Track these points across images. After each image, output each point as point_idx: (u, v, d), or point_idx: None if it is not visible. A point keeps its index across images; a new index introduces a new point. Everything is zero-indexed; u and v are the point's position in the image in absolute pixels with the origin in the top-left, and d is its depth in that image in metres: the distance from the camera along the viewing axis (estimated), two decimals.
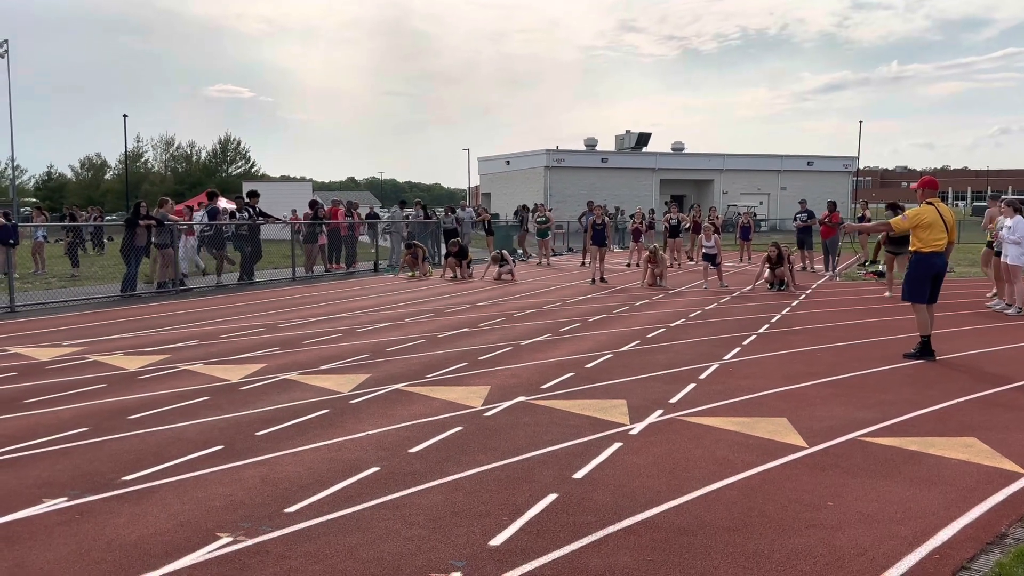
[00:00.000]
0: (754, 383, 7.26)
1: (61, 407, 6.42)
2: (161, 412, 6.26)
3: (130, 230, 15.04)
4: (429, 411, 6.26)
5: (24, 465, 4.94)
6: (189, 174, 75.92)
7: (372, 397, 6.75)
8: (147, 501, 4.33)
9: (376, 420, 6.00)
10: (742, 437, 5.55)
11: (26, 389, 7.09)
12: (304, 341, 9.71)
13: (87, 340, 9.78)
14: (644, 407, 6.34)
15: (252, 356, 8.70)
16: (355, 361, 8.38)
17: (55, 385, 7.24)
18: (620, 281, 17.86)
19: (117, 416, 6.14)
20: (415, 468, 4.87)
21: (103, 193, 74.68)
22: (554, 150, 54.82)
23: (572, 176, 53.44)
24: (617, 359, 8.45)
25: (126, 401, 6.65)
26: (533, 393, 6.85)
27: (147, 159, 79.51)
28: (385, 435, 5.60)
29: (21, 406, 6.46)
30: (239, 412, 6.26)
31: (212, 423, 5.94)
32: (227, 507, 4.23)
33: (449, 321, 11.43)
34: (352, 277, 19.66)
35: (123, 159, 68.49)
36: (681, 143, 59.98)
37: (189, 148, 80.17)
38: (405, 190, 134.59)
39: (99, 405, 6.50)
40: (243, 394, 6.91)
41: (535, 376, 7.56)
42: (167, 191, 63.83)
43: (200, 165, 78.21)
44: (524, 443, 5.38)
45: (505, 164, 58.80)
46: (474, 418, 6.05)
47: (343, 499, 4.34)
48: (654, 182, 55.96)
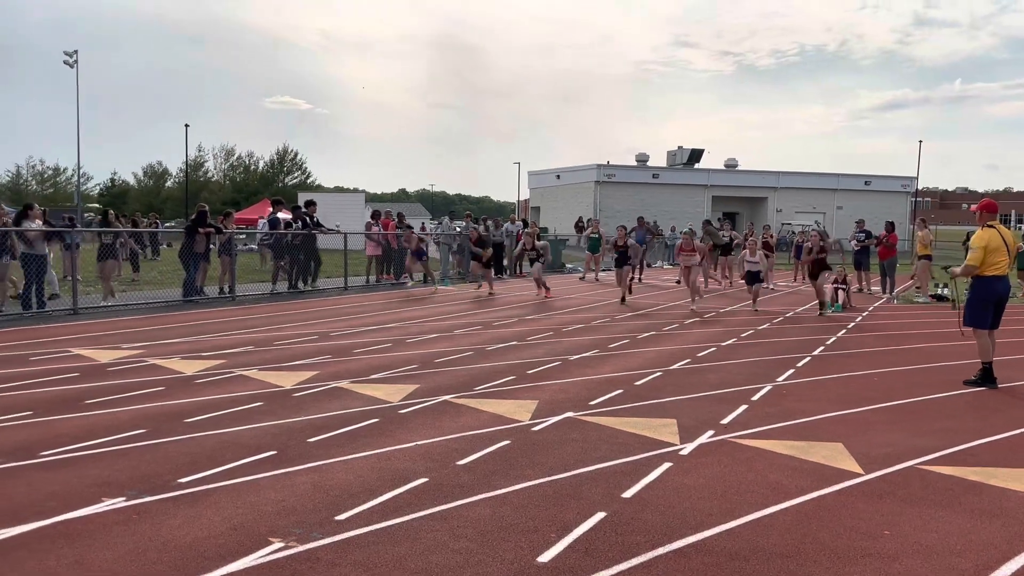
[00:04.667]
0: (809, 406, 7.12)
1: (120, 408, 6.60)
2: (217, 416, 6.38)
3: (190, 236, 15.43)
4: (477, 424, 6.27)
5: (84, 464, 5.09)
6: (247, 184, 77.74)
7: (421, 408, 6.79)
8: (202, 504, 4.42)
9: (425, 431, 6.04)
10: (796, 462, 5.43)
11: (87, 390, 7.30)
12: (355, 350, 9.82)
13: (146, 343, 10.04)
14: (695, 427, 6.26)
15: (305, 363, 8.83)
16: (404, 371, 8.45)
17: (115, 387, 7.45)
18: (669, 299, 17.70)
19: (174, 419, 6.28)
20: (463, 480, 4.88)
21: (164, 200, 76.86)
22: (604, 165, 54.72)
23: (622, 191, 53.23)
24: (667, 377, 8.36)
25: (183, 404, 6.80)
26: (581, 409, 6.82)
27: (207, 168, 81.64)
28: (433, 446, 5.63)
29: (82, 406, 6.66)
30: (292, 418, 6.35)
31: (266, 428, 6.04)
32: (279, 512, 4.30)
33: (498, 334, 11.45)
34: (402, 287, 19.84)
35: (184, 168, 70.41)
36: (735, 160, 59.35)
37: (248, 158, 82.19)
38: (455, 203, 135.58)
39: (157, 408, 6.67)
40: (296, 401, 7.01)
41: (583, 392, 7.53)
42: (225, 200, 65.46)
43: (258, 175, 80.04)
44: (572, 459, 5.35)
45: (555, 178, 58.87)
46: (522, 432, 6.04)
47: (392, 508, 4.37)
48: (706, 199, 55.42)
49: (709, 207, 54.87)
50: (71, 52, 50.89)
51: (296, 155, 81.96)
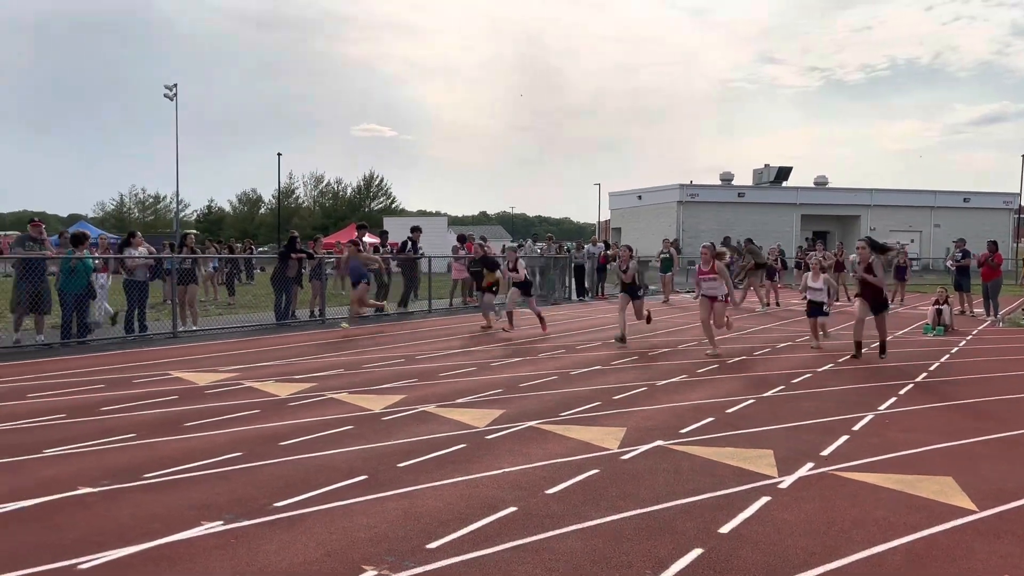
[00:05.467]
0: (914, 437, 6.76)
1: (218, 431, 6.80)
2: (309, 440, 6.50)
3: (283, 261, 15.92)
4: (564, 451, 6.19)
5: (185, 487, 5.24)
6: (335, 209, 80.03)
7: (507, 433, 6.76)
8: (297, 528, 4.48)
9: (512, 458, 5.99)
10: (903, 497, 5.15)
11: (187, 412, 7.55)
12: (440, 373, 9.88)
13: (241, 366, 10.36)
14: (793, 459, 6.02)
15: (392, 387, 8.93)
16: (489, 395, 8.44)
17: (212, 409, 7.68)
18: (758, 322, 17.22)
19: (269, 442, 6.42)
20: (553, 510, 4.80)
21: (257, 226, 79.82)
22: (688, 184, 54.01)
23: (706, 211, 52.40)
24: (761, 405, 8.10)
25: (277, 427, 6.96)
26: (671, 438, 6.65)
27: (298, 195, 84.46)
28: (521, 474, 5.58)
29: (182, 429, 6.89)
30: (381, 442, 6.41)
31: (356, 452, 6.11)
32: (371, 539, 4.31)
33: (582, 358, 11.35)
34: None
35: (276, 194, 73.00)
36: (824, 177, 57.71)
37: (336, 184, 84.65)
38: (535, 224, 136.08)
39: (253, 430, 6.84)
40: (385, 424, 7.08)
41: (672, 419, 7.36)
42: (315, 225, 67.49)
43: (346, 200, 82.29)
44: (664, 491, 5.21)
45: (637, 199, 58.43)
46: (611, 461, 5.93)
47: (482, 538, 4.33)
48: (794, 218, 54.00)
49: (798, 226, 53.43)
50: (171, 86, 53.51)
51: (382, 180, 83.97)
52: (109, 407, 7.74)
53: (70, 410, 7.58)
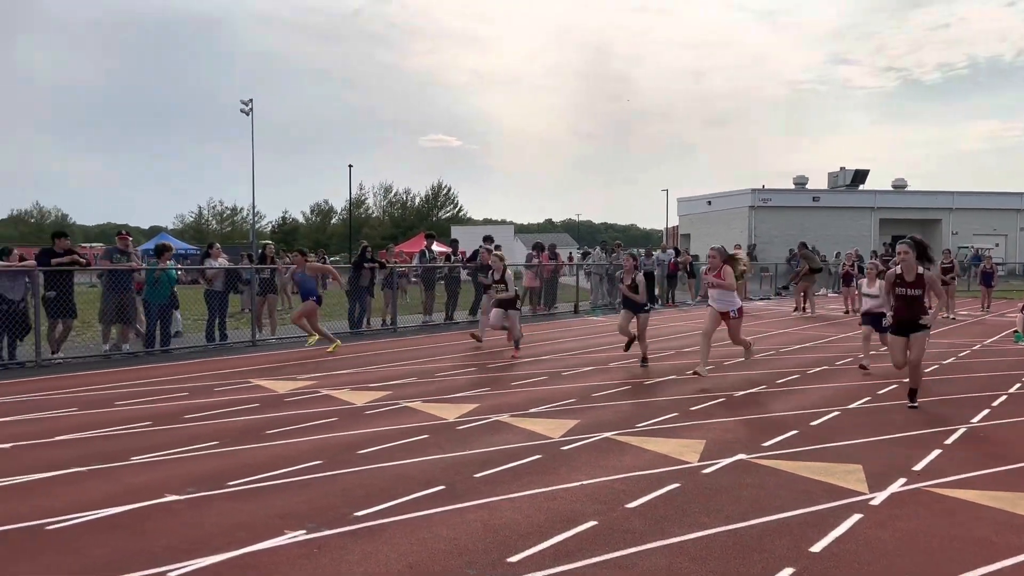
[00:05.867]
0: (1013, 451, 6.41)
1: (298, 439, 6.90)
2: (387, 448, 6.54)
3: (356, 271, 16.18)
4: (643, 463, 6.07)
5: (268, 495, 5.32)
6: (404, 218, 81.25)
7: (583, 444, 6.67)
8: (378, 539, 4.49)
9: (589, 470, 5.91)
10: (1005, 515, 4.88)
11: (267, 420, 7.70)
12: (512, 383, 9.85)
13: (318, 375, 10.53)
14: (883, 474, 5.77)
15: (465, 396, 8.94)
16: (563, 405, 8.37)
17: (292, 417, 7.81)
18: (838, 330, 16.69)
19: (348, 450, 6.49)
20: (634, 525, 4.70)
21: (329, 236, 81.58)
22: (760, 189, 52.95)
23: (779, 216, 51.24)
24: (846, 417, 7.81)
25: (355, 436, 7.03)
26: (754, 451, 6.46)
27: (368, 205, 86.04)
28: (600, 486, 5.49)
29: (264, 436, 7.02)
30: (457, 452, 6.41)
31: (433, 462, 6.12)
32: (452, 551, 4.29)
33: (654, 367, 11.17)
34: (553, 319, 19.87)
35: (347, 205, 74.47)
36: (903, 180, 55.88)
37: (405, 195, 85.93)
38: (601, 231, 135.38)
39: (331, 439, 6.92)
40: (459, 434, 7.08)
41: (754, 432, 7.15)
42: (384, 235, 68.57)
43: (414, 210, 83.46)
44: (749, 507, 5.05)
45: (707, 204, 57.56)
46: (692, 475, 5.79)
47: (563, 553, 4.26)
48: (872, 222, 52.39)
49: (876, 230, 51.81)
50: (247, 101, 55.11)
51: (449, 190, 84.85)
52: (192, 415, 7.95)
53: (156, 418, 7.81)
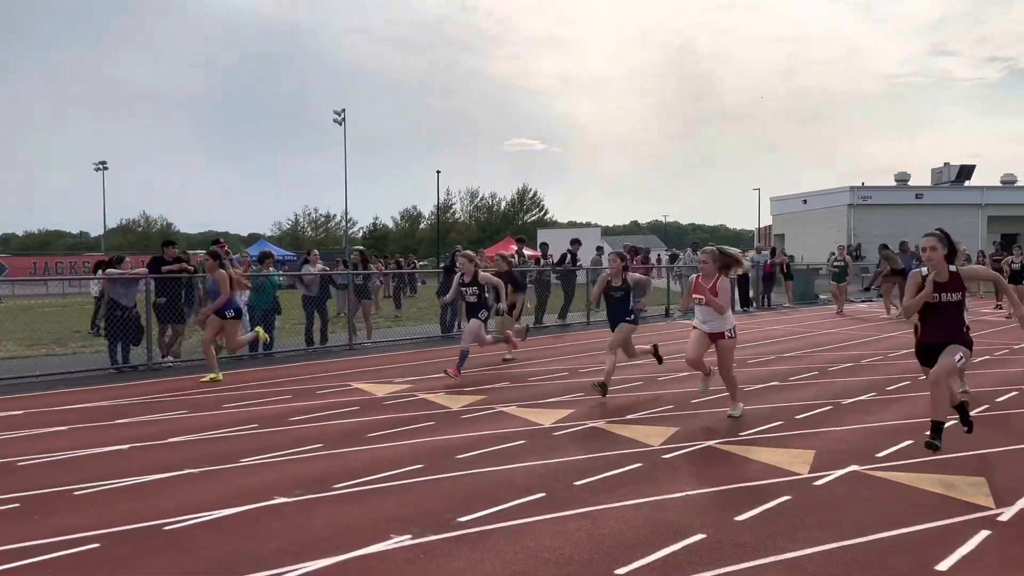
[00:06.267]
0: None
1: (399, 443, 6.98)
2: (485, 453, 6.54)
3: (447, 275, 16.35)
4: (750, 474, 5.87)
5: (373, 498, 5.39)
6: (490, 223, 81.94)
7: (685, 453, 6.51)
8: (482, 546, 4.47)
9: (693, 480, 5.75)
10: None
11: (368, 423, 7.82)
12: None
13: (414, 378, 10.65)
14: (1012, 487, 5.41)
15: (560, 401, 8.87)
16: (661, 412, 8.20)
17: (391, 421, 7.91)
18: None
19: (447, 454, 6.52)
20: (745, 539, 4.54)
21: (418, 241, 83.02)
22: (858, 187, 50.99)
23: (879, 214, 49.19)
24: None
25: (453, 440, 7.06)
26: (867, 462, 6.16)
27: (455, 210, 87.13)
28: (705, 497, 5.33)
29: (365, 439, 7.13)
30: (555, 459, 6.35)
31: (532, 468, 6.08)
32: (557, 561, 4.23)
33: (755, 373, 10.84)
34: (644, 323, 19.59)
35: (435, 211, 75.62)
36: (1012, 175, 52.86)
37: (491, 199, 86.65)
38: (688, 232, 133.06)
39: (430, 442, 6.97)
40: (556, 440, 7.02)
41: (866, 441, 6.83)
42: (471, 239, 69.26)
43: (500, 214, 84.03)
44: (866, 521, 4.81)
45: (802, 203, 55.80)
46: (802, 487, 5.55)
47: (672, 566, 4.14)
48: (980, 219, 49.69)
49: (983, 228, 49.14)
50: (339, 111, 56.60)
51: (535, 194, 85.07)
52: (296, 417, 8.15)
53: (261, 420, 8.04)
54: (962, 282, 6.05)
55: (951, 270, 6.04)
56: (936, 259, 6.04)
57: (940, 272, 6.04)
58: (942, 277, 6.03)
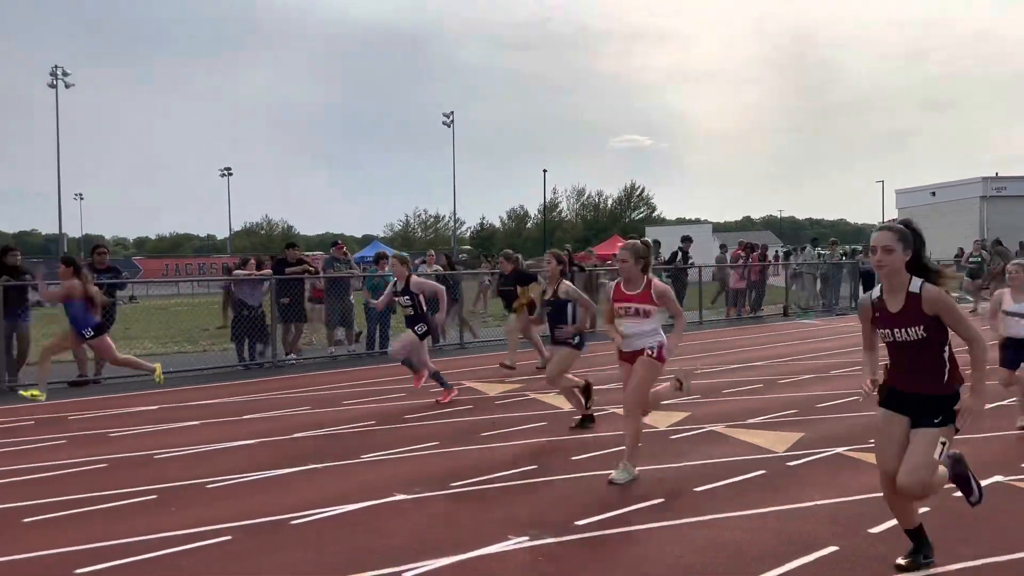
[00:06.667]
0: None
1: (512, 442, 6.99)
2: (599, 456, 6.45)
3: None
4: None
5: (488, 498, 5.40)
6: (596, 221, 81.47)
7: (812, 460, 6.22)
8: (601, 551, 4.40)
9: (822, 489, 5.48)
10: None
11: (481, 422, 7.87)
12: (724, 390, 9.45)
13: (524, 378, 10.66)
14: None
15: (675, 403, 8.66)
16: (784, 416, 7.88)
17: (504, 420, 7.94)
18: None
19: (560, 455, 6.47)
20: (880, 552, 4.28)
21: (524, 241, 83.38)
22: (992, 177, 47.81)
23: (1017, 206, 45.92)
24: None
25: (565, 441, 7.01)
26: (1012, 472, 5.74)
27: (561, 209, 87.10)
28: (837, 508, 5.07)
29: (479, 439, 7.17)
30: (672, 464, 6.20)
31: (649, 473, 5.95)
32: (679, 569, 4.11)
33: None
34: (761, 322, 18.99)
35: (542, 209, 75.83)
36: None
37: (597, 197, 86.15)
38: (805, 227, 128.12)
39: (543, 443, 6.95)
40: (673, 444, 6.86)
41: (1010, 450, 6.37)
42: (577, 238, 69.12)
43: (606, 212, 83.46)
44: (1015, 537, 4.46)
45: (930, 195, 52.78)
46: (942, 498, 5.15)
47: None
48: None
49: None
50: (448, 113, 57.61)
51: (642, 191, 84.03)
52: (412, 415, 8.30)
53: (379, 417, 8.23)
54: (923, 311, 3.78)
55: (911, 291, 3.85)
56: (891, 266, 3.83)
57: (892, 291, 3.91)
58: (894, 304, 3.89)
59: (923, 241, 3.96)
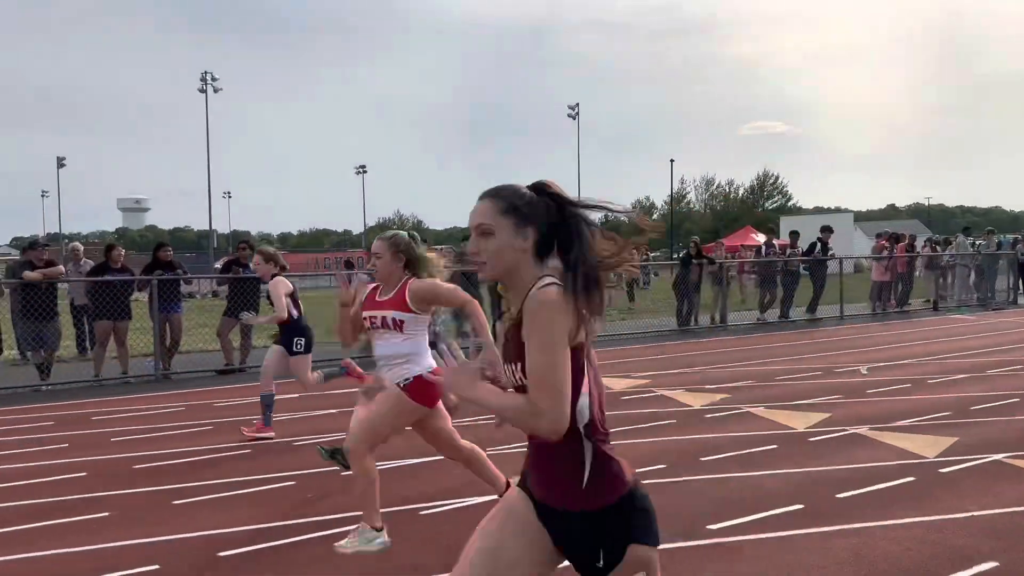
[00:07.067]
0: None
1: (639, 440, 6.83)
2: (732, 456, 6.21)
3: (685, 267, 15.96)
4: None
5: None
6: (727, 212, 79.15)
7: (967, 467, 5.75)
8: (737, 558, 4.21)
9: (979, 498, 5.05)
10: None
11: (608, 417, 7.74)
12: (868, 390, 8.90)
13: (651, 373, 10.45)
14: None
15: (814, 403, 8.24)
16: (934, 419, 7.33)
17: (630, 417, 7.78)
18: None
19: (689, 456, 6.27)
20: None
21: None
22: None
23: None
24: None
25: (695, 440, 6.79)
26: None
27: (689, 199, 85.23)
28: (996, 520, 4.65)
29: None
30: (812, 467, 5.87)
31: (786, 476, 5.66)
32: None
33: None
34: (907, 317, 17.85)
35: (669, 200, 74.43)
36: None
37: (727, 186, 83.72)
38: (955, 215, 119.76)
39: (671, 442, 6.76)
40: (812, 446, 6.51)
41: None
42: (705, 228, 67.46)
43: (737, 202, 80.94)
44: None
45: None
46: None
47: None
48: None
49: None
50: (573, 105, 57.52)
51: (776, 179, 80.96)
52: None
53: None
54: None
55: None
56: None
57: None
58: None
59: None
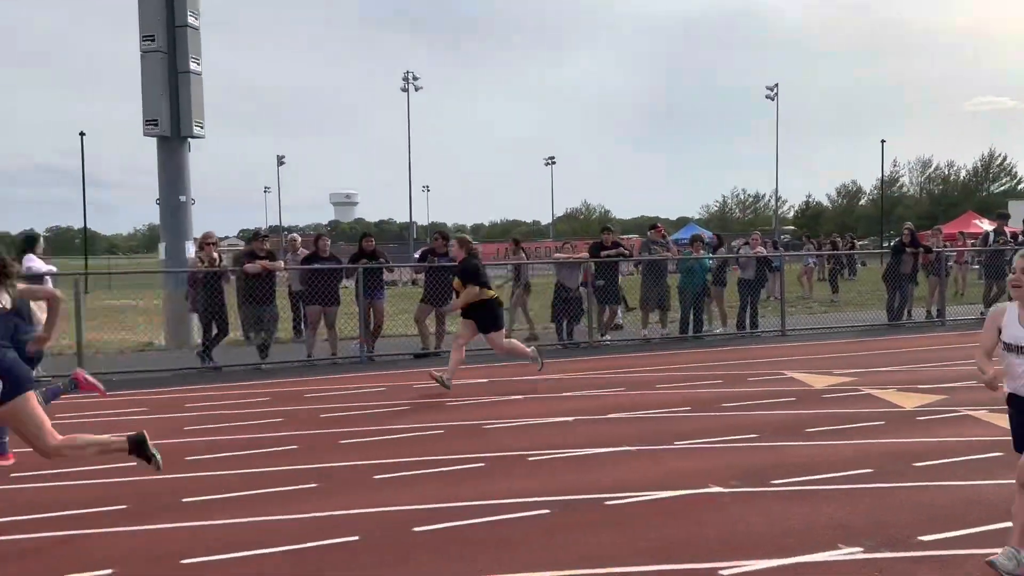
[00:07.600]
0: None
1: (841, 441, 6.38)
2: (949, 464, 5.65)
3: (896, 256, 14.78)
4: None
5: (816, 500, 4.96)
6: (945, 195, 72.53)
7: None
8: (949, 568, 3.82)
9: None
10: None
11: (806, 417, 7.31)
12: None
13: (857, 370, 9.73)
14: None
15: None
16: None
17: (832, 416, 7.30)
18: None
19: (901, 460, 5.77)
20: None
21: (856, 219, 76.92)
22: None
23: None
24: None
25: (908, 444, 6.24)
26: None
27: (902, 183, 78.89)
28: None
29: (803, 434, 6.66)
30: None
31: (1011, 486, 5.05)
32: None
33: None
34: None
35: (879, 184, 69.21)
36: None
37: (947, 168, 76.66)
38: None
39: (880, 445, 6.25)
40: None
41: None
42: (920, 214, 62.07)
43: (958, 185, 73.95)
44: None
45: None
46: None
47: None
48: None
49: None
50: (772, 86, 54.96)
51: (1004, 159, 72.95)
52: (729, 403, 7.97)
53: (694, 404, 8.02)
54: None
55: None
56: None
57: None
58: None
59: None
